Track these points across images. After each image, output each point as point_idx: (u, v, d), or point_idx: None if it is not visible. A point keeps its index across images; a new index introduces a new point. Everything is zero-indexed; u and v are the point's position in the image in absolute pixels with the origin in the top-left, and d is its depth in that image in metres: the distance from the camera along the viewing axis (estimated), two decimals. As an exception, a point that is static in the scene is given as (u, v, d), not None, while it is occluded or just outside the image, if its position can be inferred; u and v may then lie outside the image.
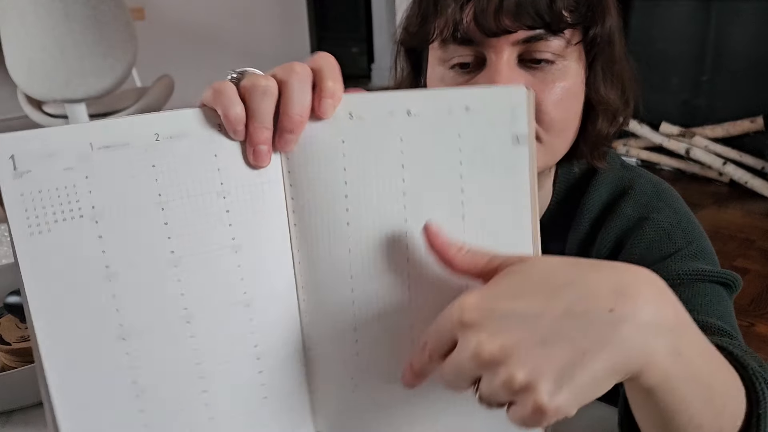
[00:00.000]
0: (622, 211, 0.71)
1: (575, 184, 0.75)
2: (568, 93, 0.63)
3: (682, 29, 3.28)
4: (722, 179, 3.25)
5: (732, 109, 3.20)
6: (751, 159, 3.16)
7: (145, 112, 2.43)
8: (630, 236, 0.70)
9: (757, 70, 3.11)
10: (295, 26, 5.34)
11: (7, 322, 0.78)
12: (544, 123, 0.62)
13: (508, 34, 0.59)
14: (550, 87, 0.62)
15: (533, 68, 0.62)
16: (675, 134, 3.32)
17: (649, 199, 0.72)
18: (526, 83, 0.60)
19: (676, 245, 0.68)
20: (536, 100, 0.60)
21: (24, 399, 0.72)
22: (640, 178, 0.74)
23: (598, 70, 0.65)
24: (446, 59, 0.64)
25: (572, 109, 0.64)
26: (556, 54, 0.61)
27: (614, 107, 0.67)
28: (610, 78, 0.66)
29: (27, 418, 0.71)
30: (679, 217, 0.71)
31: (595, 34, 0.63)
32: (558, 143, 0.65)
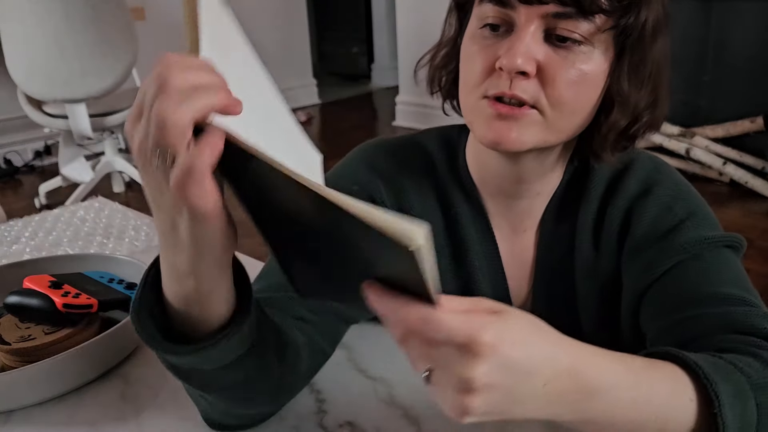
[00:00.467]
0: (626, 186, 0.73)
1: (579, 166, 0.76)
2: (586, 78, 0.63)
3: (683, 29, 3.28)
4: (722, 179, 3.24)
5: (732, 109, 3.20)
6: (752, 159, 3.15)
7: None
8: (634, 211, 0.72)
9: (757, 70, 3.11)
10: (295, 26, 5.34)
11: (7, 322, 0.78)
12: (551, 99, 0.63)
13: (540, 4, 0.60)
14: (568, 66, 0.62)
15: (557, 46, 0.62)
16: (675, 134, 3.32)
17: (649, 173, 0.73)
18: (545, 56, 0.62)
19: (677, 217, 0.70)
20: (551, 75, 0.62)
21: (24, 399, 0.72)
22: (639, 154, 0.76)
23: (624, 65, 0.65)
24: (481, 17, 0.65)
25: (585, 94, 0.64)
26: (583, 36, 0.61)
27: (634, 103, 0.67)
28: (636, 76, 0.66)
29: (27, 418, 0.71)
30: (679, 188, 0.73)
31: (627, 25, 0.62)
32: (562, 123, 0.65)
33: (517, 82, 0.62)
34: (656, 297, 0.68)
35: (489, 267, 0.78)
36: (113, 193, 3.46)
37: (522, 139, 0.64)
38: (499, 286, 0.79)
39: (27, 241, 1.17)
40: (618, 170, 0.74)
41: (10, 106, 3.67)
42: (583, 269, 0.75)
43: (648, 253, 0.70)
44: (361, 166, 0.78)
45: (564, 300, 0.77)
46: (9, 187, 3.74)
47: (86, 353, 0.73)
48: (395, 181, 0.77)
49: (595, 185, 0.74)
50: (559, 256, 0.77)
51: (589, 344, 0.49)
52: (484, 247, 0.78)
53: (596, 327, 0.76)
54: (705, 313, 0.63)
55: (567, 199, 0.76)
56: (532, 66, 0.61)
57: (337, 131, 4.77)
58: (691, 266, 0.67)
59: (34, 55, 2.63)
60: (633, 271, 0.71)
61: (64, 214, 1.29)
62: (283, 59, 5.30)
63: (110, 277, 0.88)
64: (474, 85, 0.66)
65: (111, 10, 2.67)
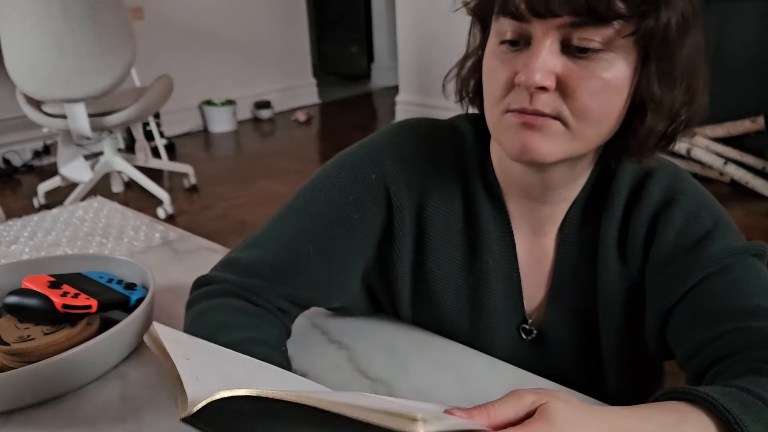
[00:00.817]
0: (649, 193, 0.72)
1: (603, 171, 0.75)
2: (608, 86, 0.62)
3: (682, 29, 3.28)
4: (723, 179, 3.25)
5: (733, 109, 3.20)
6: (752, 159, 3.16)
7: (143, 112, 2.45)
8: (660, 220, 0.71)
9: (757, 69, 3.11)
10: (295, 26, 5.34)
11: (7, 322, 0.78)
12: (575, 110, 0.62)
13: (555, 17, 0.59)
14: (589, 76, 0.61)
15: (575, 56, 0.61)
16: (675, 134, 3.32)
17: (672, 180, 0.73)
18: (563, 68, 0.61)
19: (705, 227, 0.69)
20: (572, 87, 0.61)
21: (23, 399, 0.72)
22: (660, 160, 0.74)
23: (651, 69, 0.63)
24: (500, 32, 0.64)
25: (610, 103, 0.63)
26: (602, 43, 0.60)
27: (669, 106, 0.65)
28: (666, 78, 0.64)
29: (26, 418, 0.71)
30: (702, 196, 0.73)
31: (648, 28, 0.60)
32: (589, 133, 0.64)
33: (537, 96, 0.62)
34: (687, 311, 0.67)
35: (504, 268, 0.78)
36: (112, 193, 3.46)
37: (547, 149, 0.64)
38: (512, 288, 0.78)
39: (26, 241, 1.17)
40: (641, 177, 0.73)
41: (8, 105, 3.67)
42: (607, 278, 0.74)
43: (677, 264, 0.69)
44: (388, 152, 0.77)
45: (583, 307, 0.76)
46: (8, 187, 3.74)
47: (85, 354, 0.73)
48: (420, 172, 0.77)
49: (619, 192, 0.73)
50: (580, 263, 0.76)
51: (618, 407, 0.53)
52: (501, 247, 0.77)
53: (616, 336, 0.75)
54: (739, 328, 0.63)
55: (590, 205, 0.75)
56: (551, 80, 0.61)
57: (337, 131, 4.77)
58: (722, 279, 0.67)
59: (32, 54, 2.63)
60: (661, 282, 0.70)
61: (63, 214, 1.29)
62: (283, 59, 5.30)
63: (109, 278, 0.88)
64: (496, 101, 0.66)
65: (110, 10, 2.66)
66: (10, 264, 0.93)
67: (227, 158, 4.24)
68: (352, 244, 0.76)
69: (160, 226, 1.21)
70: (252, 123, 5.08)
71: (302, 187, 0.80)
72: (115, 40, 2.69)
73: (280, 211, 0.79)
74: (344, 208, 0.76)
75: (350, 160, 0.78)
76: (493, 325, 0.79)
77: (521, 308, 0.79)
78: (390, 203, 0.76)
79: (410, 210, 0.76)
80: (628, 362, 0.76)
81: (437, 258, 0.77)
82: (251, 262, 0.76)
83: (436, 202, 0.76)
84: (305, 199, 0.78)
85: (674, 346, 0.69)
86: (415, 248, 0.78)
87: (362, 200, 0.76)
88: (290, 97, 5.39)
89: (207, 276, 0.77)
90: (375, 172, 0.76)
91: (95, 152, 3.88)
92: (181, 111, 4.64)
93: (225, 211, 3.22)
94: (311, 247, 0.76)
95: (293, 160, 4.06)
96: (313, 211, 0.76)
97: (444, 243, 0.77)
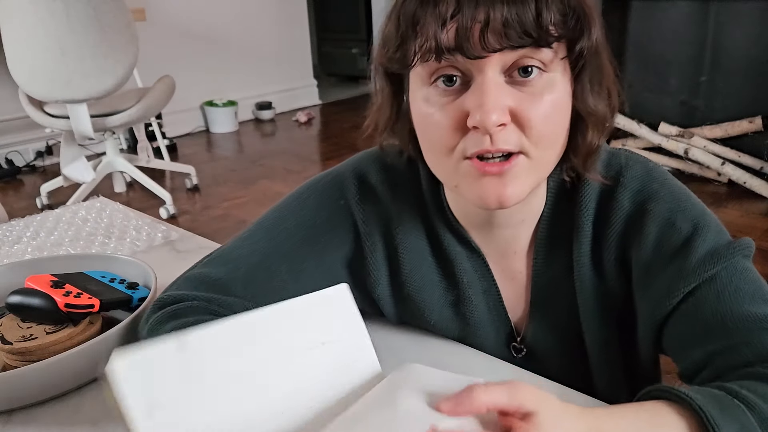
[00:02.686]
0: (619, 203, 0.69)
1: (563, 185, 0.73)
2: (556, 106, 0.61)
3: (681, 30, 3.28)
4: (721, 179, 3.25)
5: (730, 110, 3.20)
6: (750, 159, 3.15)
7: (146, 112, 2.45)
8: (634, 234, 0.68)
9: (755, 70, 3.11)
10: (295, 26, 5.34)
11: (9, 321, 0.79)
12: (533, 138, 0.60)
13: (494, 53, 0.57)
14: (538, 101, 0.59)
15: (520, 83, 0.59)
16: (674, 134, 3.32)
17: (641, 184, 0.69)
18: (514, 100, 0.59)
19: (682, 234, 0.66)
20: (526, 116, 0.59)
21: (25, 398, 0.72)
22: (628, 162, 0.71)
23: (585, 82, 0.63)
24: (428, 77, 0.61)
25: (560, 123, 0.62)
26: (543, 64, 0.59)
27: (603, 117, 0.65)
28: (597, 89, 0.64)
29: (28, 418, 0.71)
30: (677, 197, 0.68)
31: (582, 47, 0.60)
32: (547, 156, 0.63)
33: (497, 135, 0.58)
34: (679, 328, 0.65)
35: (481, 282, 0.77)
36: (114, 193, 3.47)
37: (518, 191, 0.62)
38: (492, 301, 0.78)
39: (29, 241, 1.18)
40: (608, 184, 0.70)
41: (11, 106, 3.68)
42: (586, 294, 0.73)
43: (661, 279, 0.66)
44: (354, 182, 0.77)
45: (566, 321, 0.76)
46: (11, 187, 3.74)
47: (88, 353, 0.73)
48: (384, 201, 0.76)
49: (586, 207, 0.70)
50: (557, 279, 0.75)
51: (597, 408, 0.53)
52: (472, 263, 0.77)
53: (602, 349, 0.75)
54: (735, 344, 0.60)
55: (557, 222, 0.73)
56: (507, 116, 0.58)
57: (337, 131, 4.78)
58: (709, 291, 0.63)
59: (35, 55, 2.64)
60: (648, 298, 0.68)
61: (66, 214, 1.29)
62: (284, 60, 5.31)
63: (112, 277, 0.89)
64: (447, 149, 0.62)
65: (112, 11, 2.67)
66: (12, 264, 0.94)
67: (229, 158, 4.25)
68: (323, 265, 0.76)
69: (162, 226, 1.21)
70: (253, 123, 5.09)
71: (271, 208, 0.80)
72: (117, 42, 2.70)
73: (249, 229, 0.79)
74: (313, 229, 0.76)
75: (319, 186, 0.79)
76: (481, 338, 0.79)
77: (507, 320, 0.79)
78: (357, 231, 0.76)
79: (380, 236, 0.77)
80: (618, 371, 0.76)
81: (414, 281, 0.77)
82: (222, 278, 0.75)
83: (403, 229, 0.76)
84: (275, 219, 0.78)
85: (673, 360, 0.68)
86: (391, 273, 0.78)
87: (331, 223, 0.76)
88: (291, 98, 5.40)
89: (172, 295, 0.73)
90: (342, 199, 0.76)
91: (98, 152, 3.89)
92: (182, 112, 4.65)
93: (226, 211, 3.22)
94: (284, 266, 0.75)
95: (294, 160, 4.07)
96: (283, 230, 0.76)
97: (418, 266, 0.77)
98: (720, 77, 3.22)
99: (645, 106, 3.45)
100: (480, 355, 0.78)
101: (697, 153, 3.24)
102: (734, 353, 0.60)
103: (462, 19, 0.56)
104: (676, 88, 3.37)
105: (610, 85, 0.66)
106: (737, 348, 0.60)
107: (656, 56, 3.39)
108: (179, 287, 0.75)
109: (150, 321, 0.71)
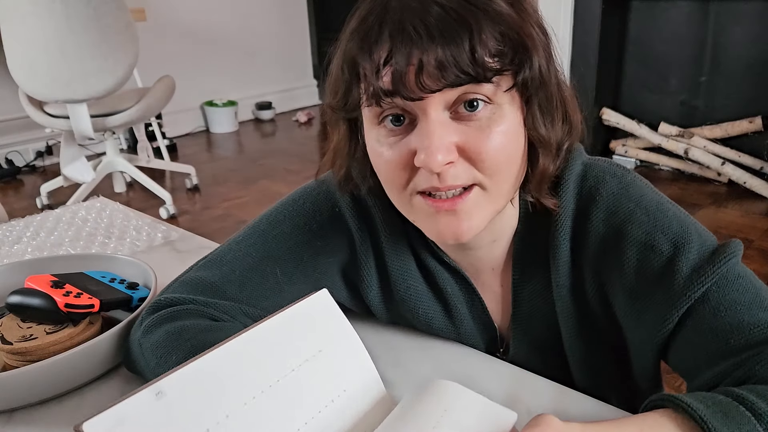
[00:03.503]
0: (593, 225, 0.67)
1: (528, 204, 0.71)
2: (506, 136, 0.59)
3: (681, 30, 3.28)
4: (721, 179, 3.25)
5: (730, 110, 3.20)
6: (750, 159, 3.16)
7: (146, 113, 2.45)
8: (610, 258, 0.66)
9: (755, 70, 3.11)
10: (295, 26, 5.34)
11: (9, 321, 0.79)
12: (486, 171, 0.59)
13: (432, 93, 0.56)
14: (486, 134, 0.58)
15: (466, 118, 0.58)
16: (674, 134, 3.32)
17: (617, 204, 0.66)
18: (461, 136, 0.58)
19: (663, 255, 0.63)
20: (476, 151, 0.58)
21: (25, 398, 0.72)
22: (603, 175, 0.68)
23: (535, 110, 0.62)
24: (376, 117, 0.61)
25: (512, 153, 0.61)
26: (488, 98, 0.58)
27: (556, 143, 0.64)
28: (549, 115, 0.63)
29: (28, 417, 0.71)
30: (653, 217, 0.65)
31: (525, 78, 0.59)
32: (504, 187, 0.62)
33: (445, 173, 0.58)
34: (682, 353, 0.64)
35: (463, 293, 0.78)
36: (114, 193, 3.47)
37: (473, 225, 0.61)
38: (476, 310, 0.79)
39: (29, 241, 1.18)
40: (583, 201, 0.68)
41: (11, 106, 3.68)
42: (566, 315, 0.72)
43: (650, 306, 0.64)
44: (348, 191, 0.76)
45: (547, 332, 0.76)
46: (11, 187, 3.74)
47: (88, 353, 0.73)
48: (371, 212, 0.76)
49: (562, 222, 0.68)
50: (537, 291, 0.74)
51: (594, 423, 0.53)
52: (455, 279, 0.77)
53: (582, 362, 0.75)
54: (743, 360, 0.58)
55: (533, 238, 0.72)
56: (454, 154, 0.58)
57: (337, 131, 4.77)
58: (704, 310, 0.61)
59: (35, 55, 2.64)
60: (640, 327, 0.66)
61: (66, 214, 1.30)
62: (284, 60, 5.31)
63: (112, 277, 0.89)
64: (400, 186, 0.62)
65: (112, 11, 2.67)
66: (12, 264, 0.94)
67: (229, 158, 4.25)
68: (317, 269, 0.77)
69: (162, 226, 1.22)
70: (253, 123, 5.09)
71: (265, 212, 0.80)
72: (117, 42, 2.70)
73: (242, 232, 0.79)
74: (308, 234, 0.76)
75: (314, 192, 0.78)
76: (473, 346, 0.80)
77: (492, 329, 0.80)
78: (352, 238, 0.77)
79: (371, 245, 0.77)
80: (602, 381, 0.76)
81: (401, 290, 0.78)
82: (218, 282, 0.75)
83: (389, 241, 0.76)
84: (270, 223, 0.78)
85: (682, 378, 0.66)
86: (381, 280, 0.79)
87: (326, 229, 0.76)
88: (291, 98, 5.40)
89: (168, 297, 0.74)
90: (337, 207, 0.76)
91: (98, 152, 3.89)
92: (183, 112, 4.65)
93: (226, 211, 3.22)
94: (278, 269, 0.75)
95: (294, 160, 4.07)
96: (278, 234, 0.77)
97: (405, 277, 0.77)
98: (720, 77, 3.23)
99: (645, 106, 3.45)
100: (476, 354, 0.79)
101: (697, 153, 3.25)
102: (744, 369, 0.58)
103: (396, 65, 0.56)
104: (676, 88, 3.37)
105: (566, 106, 0.65)
106: (746, 363, 0.58)
107: (656, 56, 3.39)
108: (175, 290, 0.76)
109: (145, 323, 0.72)
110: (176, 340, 0.68)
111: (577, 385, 0.76)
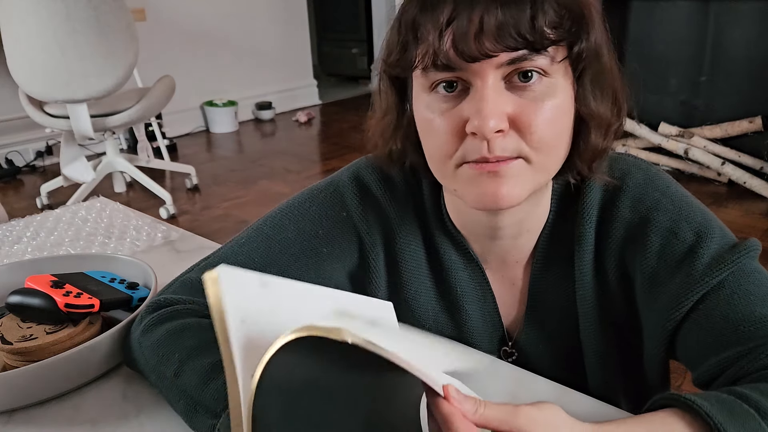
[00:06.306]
0: (620, 214, 0.69)
1: (567, 191, 0.73)
2: (558, 110, 0.60)
3: (681, 30, 3.28)
4: (721, 179, 3.25)
5: (730, 110, 3.20)
6: (750, 159, 3.16)
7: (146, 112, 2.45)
8: (636, 244, 0.68)
9: (755, 70, 3.11)
10: (295, 26, 5.34)
11: (9, 321, 0.79)
12: (534, 144, 0.60)
13: (489, 57, 0.57)
14: (539, 106, 0.59)
15: (521, 88, 0.59)
16: (674, 134, 3.32)
17: (642, 192, 0.69)
18: (514, 106, 0.59)
19: (686, 243, 0.65)
20: (526, 122, 0.59)
21: (25, 398, 0.72)
22: (629, 168, 0.71)
23: (586, 84, 0.63)
24: (429, 84, 0.61)
25: (562, 127, 0.62)
26: (543, 70, 0.59)
27: (606, 120, 0.65)
28: (599, 91, 0.64)
29: (28, 418, 0.71)
30: (678, 205, 0.68)
31: (581, 50, 0.60)
32: (550, 162, 0.63)
33: (494, 142, 0.59)
34: (691, 338, 0.64)
35: (476, 291, 0.78)
36: (114, 193, 3.47)
37: (516, 192, 0.61)
38: (487, 308, 0.79)
39: (29, 241, 1.18)
40: (609, 192, 0.70)
41: (11, 106, 3.68)
42: (586, 304, 0.73)
43: (667, 289, 0.65)
44: (355, 193, 0.77)
45: (562, 328, 0.76)
46: (11, 187, 3.74)
47: (88, 353, 0.73)
48: (384, 212, 0.77)
49: (588, 215, 0.70)
50: (556, 286, 0.75)
51: (599, 423, 0.53)
52: (469, 273, 0.77)
53: (599, 354, 0.75)
54: (750, 349, 0.59)
55: (559, 231, 0.73)
56: (506, 122, 0.58)
57: (337, 131, 4.78)
58: (719, 297, 0.63)
59: (35, 55, 2.64)
60: (655, 310, 0.67)
61: (66, 214, 1.30)
62: (284, 60, 5.31)
63: (112, 277, 0.89)
64: (445, 156, 0.62)
65: (112, 12, 2.67)
66: (12, 264, 0.94)
67: (229, 158, 4.25)
68: (320, 276, 0.76)
69: (162, 226, 1.22)
70: (253, 124, 5.09)
71: (269, 214, 0.79)
72: (117, 42, 2.70)
73: (245, 234, 0.79)
74: (314, 240, 0.76)
75: (321, 195, 0.78)
76: (473, 343, 0.80)
77: (500, 326, 0.79)
78: (362, 242, 0.77)
79: (381, 245, 0.77)
80: (614, 377, 0.76)
81: (411, 290, 0.78)
82: None
83: (402, 239, 0.76)
84: (274, 227, 0.77)
85: (687, 368, 0.67)
86: (389, 282, 0.79)
87: (332, 235, 0.76)
88: (291, 98, 5.40)
89: (167, 298, 0.74)
90: (345, 210, 0.76)
91: (98, 152, 3.89)
92: (182, 112, 4.65)
93: (226, 211, 3.23)
94: (281, 275, 0.76)
95: (294, 160, 4.07)
96: (282, 239, 0.76)
97: (415, 275, 0.78)
98: (720, 77, 3.23)
99: (645, 106, 3.45)
100: (476, 353, 0.79)
101: (697, 153, 3.24)
102: (749, 358, 0.59)
103: (458, 24, 0.57)
104: (676, 88, 3.37)
105: (615, 87, 0.66)
106: (752, 353, 0.59)
107: (656, 56, 3.39)
108: (175, 291, 0.76)
109: (144, 322, 0.72)
110: (178, 338, 0.68)
111: (589, 381, 0.76)
